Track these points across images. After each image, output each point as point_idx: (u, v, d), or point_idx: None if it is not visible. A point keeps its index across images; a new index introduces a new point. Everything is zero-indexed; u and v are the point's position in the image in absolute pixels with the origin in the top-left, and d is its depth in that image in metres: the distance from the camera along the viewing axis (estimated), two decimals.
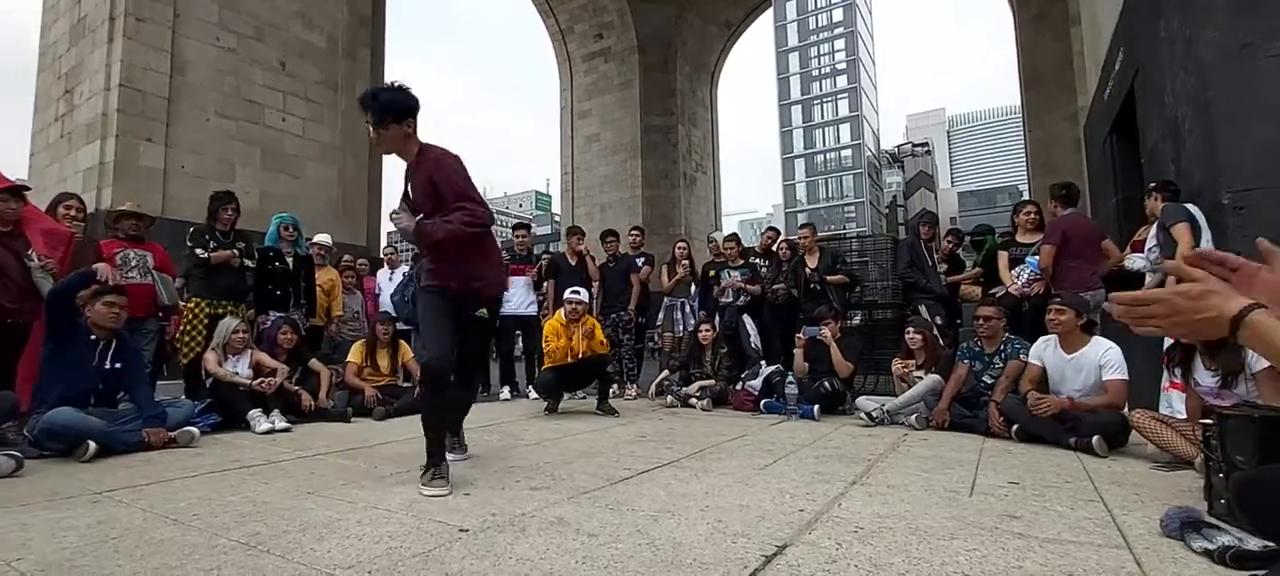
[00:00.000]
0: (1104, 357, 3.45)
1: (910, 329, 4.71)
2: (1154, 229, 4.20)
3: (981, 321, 4.28)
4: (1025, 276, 4.94)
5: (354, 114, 10.86)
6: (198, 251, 4.74)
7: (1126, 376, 3.42)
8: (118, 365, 3.33)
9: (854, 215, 68.54)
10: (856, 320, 8.98)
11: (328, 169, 10.52)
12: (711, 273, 6.55)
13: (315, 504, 2.30)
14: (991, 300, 4.68)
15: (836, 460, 3.13)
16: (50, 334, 3.21)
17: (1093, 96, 8.61)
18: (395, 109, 2.69)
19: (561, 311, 5.17)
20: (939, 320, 5.71)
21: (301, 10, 10.30)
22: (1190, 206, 3.92)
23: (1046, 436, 3.47)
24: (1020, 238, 5.34)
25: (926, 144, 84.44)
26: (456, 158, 2.77)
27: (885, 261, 9.17)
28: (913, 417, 4.17)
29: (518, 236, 6.69)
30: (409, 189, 2.81)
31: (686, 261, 6.64)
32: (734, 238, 6.93)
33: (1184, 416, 3.05)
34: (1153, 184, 4.53)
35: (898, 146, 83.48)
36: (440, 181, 2.69)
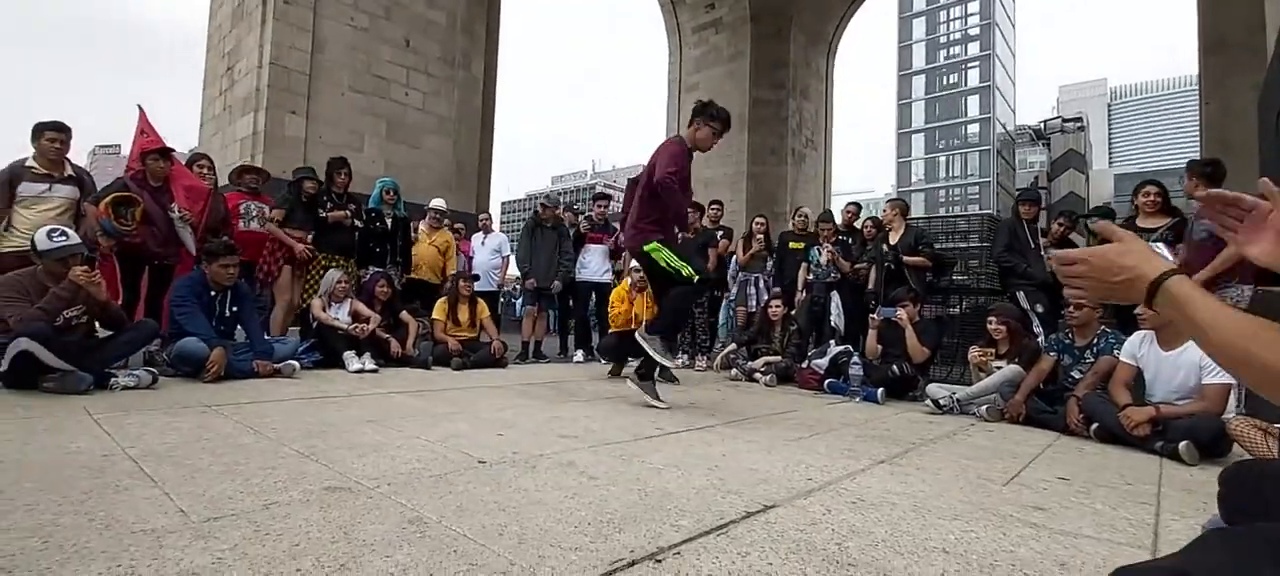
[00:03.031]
0: (1206, 358, 3.05)
1: (993, 317, 4.38)
2: None
3: (1073, 310, 3.90)
4: None
5: (469, 88, 11.52)
6: (319, 211, 5.33)
7: (1232, 380, 3.00)
8: (234, 309, 3.90)
9: (977, 197, 62.81)
10: (957, 309, 8.40)
11: (444, 140, 11.24)
12: (790, 244, 6.43)
13: (371, 430, 2.61)
14: None
15: (877, 441, 3.04)
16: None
17: (1269, 65, 7.38)
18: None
19: (628, 280, 5.32)
20: (1040, 308, 5.26)
21: None
22: None
23: (1129, 438, 3.14)
24: (1141, 222, 4.77)
25: (1079, 119, 75.26)
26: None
27: None
28: (984, 408, 3.90)
29: (597, 207, 6.89)
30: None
31: (762, 237, 6.56)
32: (827, 215, 6.81)
33: None
34: None
35: (1044, 121, 75.22)
36: None
